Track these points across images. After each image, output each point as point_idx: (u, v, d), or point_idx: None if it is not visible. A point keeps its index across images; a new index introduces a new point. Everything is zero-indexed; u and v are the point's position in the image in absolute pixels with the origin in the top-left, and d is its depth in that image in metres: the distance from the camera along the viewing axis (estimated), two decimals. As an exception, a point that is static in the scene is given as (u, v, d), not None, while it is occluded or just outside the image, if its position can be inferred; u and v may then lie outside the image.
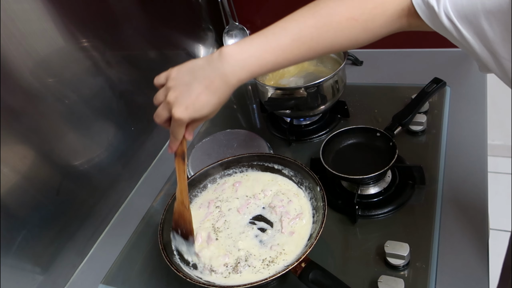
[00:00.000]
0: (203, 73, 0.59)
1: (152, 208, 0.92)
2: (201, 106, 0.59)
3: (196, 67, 0.60)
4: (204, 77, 0.59)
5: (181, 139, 0.64)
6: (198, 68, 0.60)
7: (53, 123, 0.77)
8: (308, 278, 0.62)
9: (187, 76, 0.60)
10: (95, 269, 0.83)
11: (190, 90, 0.59)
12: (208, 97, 0.59)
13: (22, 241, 0.71)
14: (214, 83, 0.58)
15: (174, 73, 0.62)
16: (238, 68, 0.58)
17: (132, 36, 0.96)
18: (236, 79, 0.58)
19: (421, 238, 0.72)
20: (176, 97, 0.59)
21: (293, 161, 0.79)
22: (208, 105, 0.59)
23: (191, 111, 0.59)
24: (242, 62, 0.58)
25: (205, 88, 0.58)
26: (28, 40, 0.70)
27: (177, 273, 0.65)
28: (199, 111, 0.59)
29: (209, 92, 0.59)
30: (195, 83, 0.59)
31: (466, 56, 1.10)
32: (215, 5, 1.23)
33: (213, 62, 0.59)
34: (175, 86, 0.60)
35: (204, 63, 0.60)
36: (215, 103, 0.60)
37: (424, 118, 0.91)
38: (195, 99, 0.59)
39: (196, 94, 0.59)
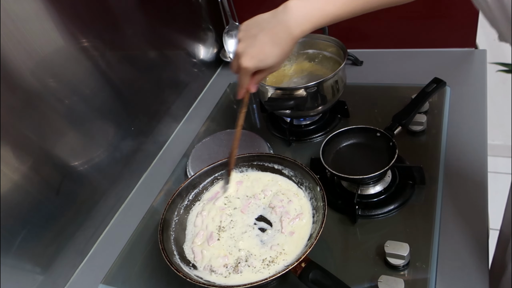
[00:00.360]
0: (268, 25, 0.64)
1: (152, 208, 0.92)
2: (265, 57, 0.64)
3: (262, 20, 0.65)
4: (269, 28, 0.63)
5: (245, 87, 0.70)
6: (264, 21, 0.65)
7: (53, 123, 0.77)
8: (308, 278, 0.62)
9: (254, 28, 0.65)
10: (95, 269, 0.83)
11: (255, 41, 0.64)
12: (272, 48, 0.64)
13: (22, 241, 0.71)
14: (278, 35, 0.63)
15: (243, 26, 0.67)
16: (302, 19, 0.62)
17: (132, 36, 0.96)
18: (300, 30, 0.62)
19: (421, 238, 0.72)
20: (244, 48, 0.65)
21: (293, 161, 0.79)
22: (271, 55, 0.64)
23: (256, 61, 0.65)
24: (306, 13, 0.62)
25: (269, 39, 0.63)
26: (28, 40, 0.70)
27: (177, 273, 0.65)
28: (263, 61, 0.65)
29: (273, 43, 0.63)
30: (261, 34, 0.64)
31: (466, 56, 1.11)
32: (215, 5, 1.23)
33: (278, 15, 0.63)
34: (243, 38, 0.66)
35: (270, 16, 0.64)
36: (278, 54, 0.64)
37: (424, 118, 0.91)
38: (260, 49, 0.64)
39: (261, 45, 0.64)
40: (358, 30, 1.19)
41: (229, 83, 1.25)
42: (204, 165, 0.84)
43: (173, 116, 1.12)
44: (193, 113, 1.18)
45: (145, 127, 1.02)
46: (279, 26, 0.63)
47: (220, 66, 1.34)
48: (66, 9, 0.77)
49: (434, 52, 1.15)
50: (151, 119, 1.04)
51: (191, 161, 0.96)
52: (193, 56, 1.20)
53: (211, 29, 1.27)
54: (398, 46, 1.19)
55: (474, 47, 1.12)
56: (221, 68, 1.33)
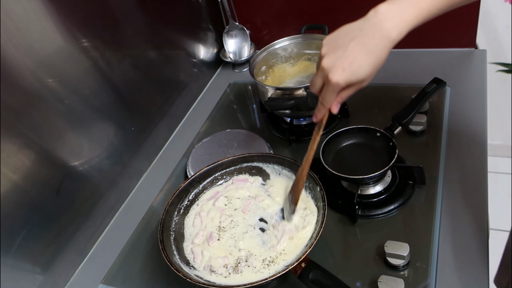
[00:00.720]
0: (360, 32, 0.58)
1: (152, 208, 0.92)
2: (359, 67, 0.57)
3: (350, 29, 0.59)
4: (361, 36, 0.57)
5: (328, 107, 0.63)
6: (353, 29, 0.59)
7: (53, 123, 0.77)
8: (308, 278, 0.62)
9: (342, 39, 0.59)
10: (95, 269, 0.83)
11: (346, 51, 0.57)
12: (366, 57, 0.57)
13: (22, 241, 0.71)
14: (372, 41, 0.57)
15: (326, 40, 0.61)
16: (398, 19, 0.57)
17: (132, 36, 0.96)
18: (397, 32, 0.57)
19: (421, 238, 0.72)
20: (332, 61, 0.58)
21: (293, 161, 0.79)
22: (365, 65, 0.58)
23: (348, 74, 0.58)
24: (400, 13, 0.57)
25: (362, 47, 0.57)
26: (28, 40, 0.70)
27: (177, 273, 0.65)
28: (356, 73, 0.58)
29: (367, 51, 0.57)
30: (351, 43, 0.57)
31: (466, 56, 1.10)
32: (215, 5, 1.23)
33: (370, 20, 0.58)
34: (328, 51, 0.59)
35: (359, 23, 0.59)
36: (373, 63, 0.58)
37: (424, 118, 0.91)
38: (353, 60, 0.57)
39: (353, 55, 0.57)
40: (358, 30, 1.19)
41: (229, 83, 1.25)
42: (204, 165, 0.84)
43: (173, 116, 1.12)
44: (193, 113, 1.18)
45: (145, 127, 1.02)
46: (372, 31, 0.57)
47: (220, 66, 1.34)
48: (66, 9, 0.77)
49: (434, 52, 1.15)
50: (151, 119, 1.04)
51: (191, 161, 0.96)
52: (193, 56, 1.20)
53: (211, 29, 1.27)
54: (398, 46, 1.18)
55: (474, 47, 1.12)
56: (221, 68, 1.33)
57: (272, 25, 1.27)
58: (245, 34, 1.27)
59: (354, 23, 0.59)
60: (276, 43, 1.05)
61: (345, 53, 0.57)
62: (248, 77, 1.14)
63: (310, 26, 1.13)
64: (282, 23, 1.25)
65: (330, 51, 0.59)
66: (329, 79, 0.58)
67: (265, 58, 1.05)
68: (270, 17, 1.26)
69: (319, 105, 0.64)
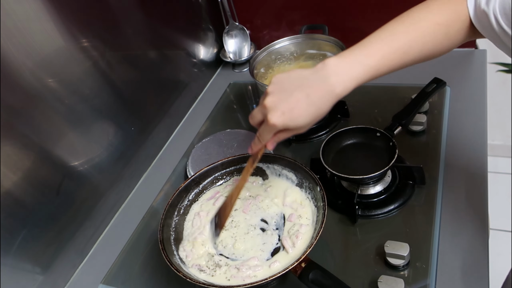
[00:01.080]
0: (307, 82, 0.58)
1: (152, 208, 0.92)
2: (298, 115, 0.58)
3: (298, 76, 0.60)
4: (307, 86, 0.58)
5: (264, 144, 0.65)
6: (301, 77, 0.59)
7: (53, 123, 0.77)
8: (308, 278, 0.62)
9: (290, 83, 0.59)
10: (95, 269, 0.83)
11: (290, 97, 0.58)
12: (307, 107, 0.58)
13: (22, 241, 0.71)
14: (316, 93, 0.57)
15: (275, 78, 0.61)
16: (344, 75, 0.57)
17: (132, 36, 0.96)
18: (342, 88, 0.57)
19: (421, 238, 0.72)
20: (274, 102, 0.59)
21: (293, 160, 0.79)
22: (305, 114, 0.58)
23: (287, 119, 0.58)
24: (348, 69, 0.58)
25: (306, 96, 0.57)
26: (28, 40, 0.70)
27: (177, 273, 0.65)
28: (294, 120, 0.58)
29: (309, 102, 0.58)
30: (297, 91, 0.58)
31: (466, 56, 1.10)
32: (215, 5, 1.23)
33: (318, 72, 0.58)
34: (274, 91, 0.60)
35: (309, 73, 0.59)
36: (313, 114, 0.58)
37: (424, 118, 0.91)
38: (293, 106, 0.58)
39: (296, 102, 0.58)
40: (358, 30, 1.19)
41: (229, 83, 1.25)
42: (204, 165, 0.84)
43: (173, 116, 1.12)
44: (193, 113, 1.18)
45: (145, 127, 1.02)
46: (319, 84, 0.57)
47: (220, 66, 1.34)
48: (66, 9, 0.77)
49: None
50: (151, 119, 1.04)
51: (191, 161, 0.96)
52: (193, 56, 1.20)
53: (211, 29, 1.27)
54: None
55: (474, 47, 1.12)
56: (221, 68, 1.33)
57: (272, 25, 1.27)
58: (245, 34, 1.27)
59: (304, 71, 0.60)
60: (276, 43, 1.05)
61: (289, 98, 0.58)
62: (248, 77, 1.14)
63: (310, 26, 1.13)
64: (282, 23, 1.26)
65: (276, 91, 0.59)
66: (268, 119, 0.59)
67: (265, 58, 1.05)
68: (270, 17, 1.26)
69: (255, 139, 0.65)
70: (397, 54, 0.59)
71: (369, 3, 1.12)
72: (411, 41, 0.59)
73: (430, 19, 0.59)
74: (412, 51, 0.59)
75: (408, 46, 0.59)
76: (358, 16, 1.16)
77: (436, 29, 0.59)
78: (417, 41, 0.59)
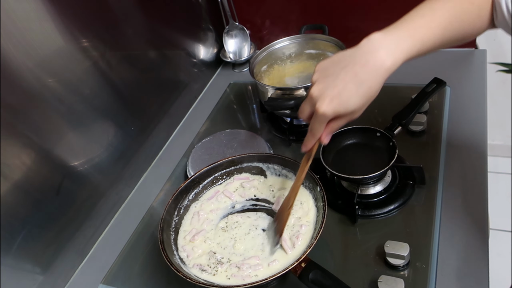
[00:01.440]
0: (352, 60, 0.54)
1: (152, 208, 0.92)
2: (348, 98, 0.54)
3: (342, 57, 0.56)
4: (353, 64, 0.53)
5: (318, 138, 0.60)
6: (345, 57, 0.55)
7: (53, 123, 0.77)
8: (308, 278, 0.62)
9: (334, 67, 0.55)
10: (95, 269, 0.83)
11: (336, 80, 0.54)
12: (357, 87, 0.53)
13: (22, 241, 0.71)
14: (364, 69, 0.53)
15: (319, 66, 0.57)
16: (393, 47, 0.53)
17: (132, 36, 0.96)
18: (392, 61, 0.53)
19: (421, 238, 0.72)
20: (320, 90, 0.55)
21: (293, 160, 0.79)
22: (355, 96, 0.54)
23: (336, 104, 0.54)
24: (396, 41, 0.54)
25: (353, 76, 0.53)
26: (28, 40, 0.70)
27: (177, 273, 0.65)
28: (344, 104, 0.54)
29: (358, 81, 0.53)
30: (342, 72, 0.54)
31: (466, 56, 1.10)
32: (215, 5, 1.23)
33: (362, 48, 0.54)
34: (319, 78, 0.56)
35: (352, 51, 0.55)
36: (364, 94, 0.54)
37: (424, 118, 0.91)
38: (342, 89, 0.53)
39: (343, 84, 0.53)
40: (358, 30, 1.19)
41: (229, 83, 1.25)
42: (204, 165, 0.84)
43: (173, 116, 1.12)
44: (193, 113, 1.18)
45: (145, 127, 1.02)
46: (365, 59, 0.53)
47: (220, 66, 1.34)
48: (66, 9, 0.77)
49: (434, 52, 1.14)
50: (151, 119, 1.04)
51: (191, 161, 0.96)
52: (193, 56, 1.20)
53: (211, 29, 1.27)
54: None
55: (474, 47, 1.12)
56: (221, 68, 1.33)
57: (272, 25, 1.27)
58: (245, 34, 1.27)
59: (348, 50, 0.56)
60: (276, 43, 1.05)
61: (335, 82, 0.54)
62: (248, 77, 1.14)
63: (310, 26, 1.13)
64: (282, 23, 1.26)
65: (320, 78, 0.56)
66: (316, 108, 0.55)
67: (265, 58, 1.05)
68: (270, 17, 1.26)
69: (308, 135, 0.61)
70: (439, 29, 0.56)
71: (369, 3, 1.12)
72: (451, 17, 0.57)
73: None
74: (452, 27, 0.57)
75: (449, 22, 0.57)
76: (358, 16, 1.16)
77: (470, 8, 0.58)
78: (456, 16, 0.57)
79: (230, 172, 0.85)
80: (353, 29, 1.18)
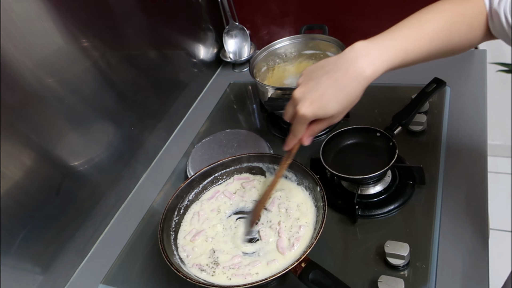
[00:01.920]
0: (334, 66, 0.56)
1: (152, 208, 0.92)
2: (327, 102, 0.56)
3: (326, 63, 0.58)
4: (334, 70, 0.56)
5: (299, 138, 0.62)
6: (328, 63, 0.57)
7: (53, 123, 0.77)
8: (308, 278, 0.62)
9: (318, 71, 0.58)
10: (95, 269, 0.83)
11: (317, 84, 0.56)
12: (336, 93, 0.56)
13: (22, 241, 0.71)
14: (345, 76, 0.55)
15: (306, 70, 0.60)
16: (374, 57, 0.55)
17: (132, 36, 0.96)
18: (372, 70, 0.55)
19: (421, 238, 0.72)
20: (303, 93, 0.57)
21: (293, 160, 0.79)
22: (334, 101, 0.56)
23: (316, 108, 0.56)
24: (378, 50, 0.55)
25: (333, 82, 0.55)
26: (28, 40, 0.70)
27: (177, 273, 0.65)
28: (323, 108, 0.56)
29: (338, 87, 0.55)
30: (324, 77, 0.56)
31: (466, 56, 1.10)
32: (215, 5, 1.23)
33: (345, 55, 0.56)
34: (304, 82, 0.59)
35: (336, 58, 0.57)
36: (343, 100, 0.56)
37: (424, 118, 0.91)
38: (322, 94, 0.56)
39: (324, 89, 0.56)
40: (358, 30, 1.19)
41: (229, 83, 1.25)
42: (204, 165, 0.84)
43: (173, 116, 1.12)
44: (193, 113, 1.18)
45: (145, 127, 1.01)
46: (346, 67, 0.55)
47: (220, 66, 1.34)
48: (66, 9, 0.77)
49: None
50: (151, 119, 1.04)
51: (191, 161, 0.96)
52: (193, 56, 1.20)
53: (211, 29, 1.27)
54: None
55: (474, 47, 1.12)
56: (221, 68, 1.33)
57: (272, 25, 1.27)
58: (245, 34, 1.27)
59: (333, 57, 0.58)
60: (276, 43, 1.05)
61: (316, 86, 0.56)
62: (248, 77, 1.14)
63: (310, 26, 1.13)
64: (282, 23, 1.26)
65: (304, 82, 0.58)
66: (297, 110, 0.58)
67: (265, 58, 1.05)
68: (270, 17, 1.26)
69: (290, 135, 0.63)
70: (426, 40, 0.57)
71: (369, 3, 1.12)
72: (439, 29, 0.57)
73: (455, 10, 0.59)
74: (439, 39, 0.58)
75: (436, 33, 0.57)
76: (358, 16, 1.16)
77: (461, 20, 0.58)
78: (443, 29, 0.58)
79: (230, 172, 0.85)
80: (353, 29, 1.18)
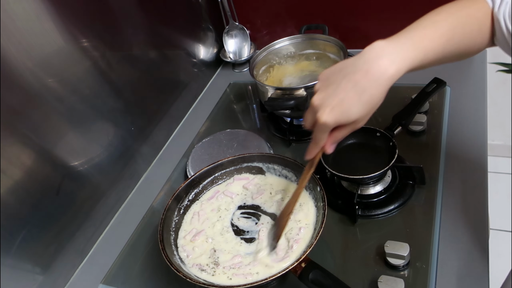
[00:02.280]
0: (353, 68, 0.53)
1: (152, 208, 0.92)
2: (349, 107, 0.53)
3: (344, 65, 0.54)
4: (354, 72, 0.52)
5: (321, 146, 0.59)
6: (347, 65, 0.54)
7: (53, 123, 0.77)
8: (308, 278, 0.62)
9: (336, 75, 0.54)
10: (95, 269, 0.83)
11: (337, 89, 0.53)
12: (358, 96, 0.52)
13: (22, 241, 0.71)
14: (366, 77, 0.52)
15: (322, 74, 0.56)
16: (396, 55, 0.52)
17: (132, 36, 0.96)
18: (395, 69, 0.51)
19: (421, 238, 0.72)
20: (322, 99, 0.54)
21: (293, 160, 0.79)
22: (357, 105, 0.53)
23: (337, 114, 0.53)
24: (399, 49, 0.52)
25: (354, 85, 0.52)
26: (28, 40, 0.70)
27: (177, 273, 0.65)
28: (346, 114, 0.53)
29: (360, 89, 0.52)
30: (344, 81, 0.53)
31: (466, 56, 1.10)
32: (215, 5, 1.23)
33: (364, 55, 0.53)
34: (321, 87, 0.55)
35: (355, 59, 0.53)
36: (366, 103, 0.53)
37: (424, 118, 0.91)
38: (343, 99, 0.52)
39: (344, 93, 0.52)
40: (358, 30, 1.19)
41: (229, 83, 1.25)
42: (204, 165, 0.84)
43: (173, 116, 1.12)
44: (193, 113, 1.18)
45: (145, 127, 1.02)
46: (366, 67, 0.51)
47: (220, 66, 1.34)
48: (66, 9, 0.77)
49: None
50: (151, 119, 1.04)
51: (191, 161, 0.96)
52: (193, 56, 1.20)
53: (211, 29, 1.27)
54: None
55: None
56: (221, 68, 1.33)
57: (272, 25, 1.28)
58: (245, 34, 1.27)
59: (351, 58, 0.54)
60: (276, 43, 1.05)
61: (336, 91, 0.53)
62: (248, 77, 1.14)
63: (310, 26, 1.13)
64: (282, 23, 1.26)
65: (322, 87, 0.55)
66: (317, 118, 0.54)
67: (265, 58, 1.05)
68: (270, 17, 1.26)
69: (311, 143, 0.59)
70: (442, 40, 0.55)
71: (369, 3, 1.12)
72: (453, 29, 0.56)
73: (466, 11, 0.58)
74: (454, 40, 0.56)
75: (452, 33, 0.56)
76: (358, 16, 1.16)
77: (472, 22, 0.57)
78: (457, 30, 0.56)
79: (230, 172, 0.85)
80: (353, 29, 1.19)
